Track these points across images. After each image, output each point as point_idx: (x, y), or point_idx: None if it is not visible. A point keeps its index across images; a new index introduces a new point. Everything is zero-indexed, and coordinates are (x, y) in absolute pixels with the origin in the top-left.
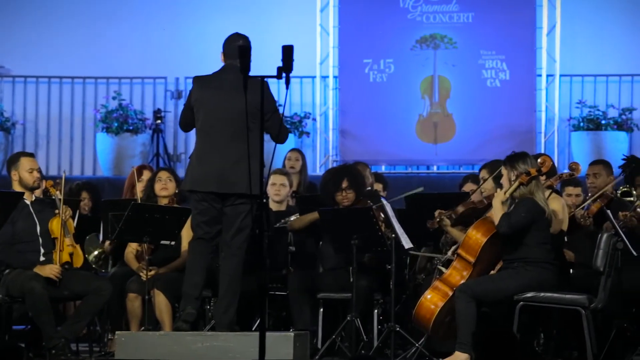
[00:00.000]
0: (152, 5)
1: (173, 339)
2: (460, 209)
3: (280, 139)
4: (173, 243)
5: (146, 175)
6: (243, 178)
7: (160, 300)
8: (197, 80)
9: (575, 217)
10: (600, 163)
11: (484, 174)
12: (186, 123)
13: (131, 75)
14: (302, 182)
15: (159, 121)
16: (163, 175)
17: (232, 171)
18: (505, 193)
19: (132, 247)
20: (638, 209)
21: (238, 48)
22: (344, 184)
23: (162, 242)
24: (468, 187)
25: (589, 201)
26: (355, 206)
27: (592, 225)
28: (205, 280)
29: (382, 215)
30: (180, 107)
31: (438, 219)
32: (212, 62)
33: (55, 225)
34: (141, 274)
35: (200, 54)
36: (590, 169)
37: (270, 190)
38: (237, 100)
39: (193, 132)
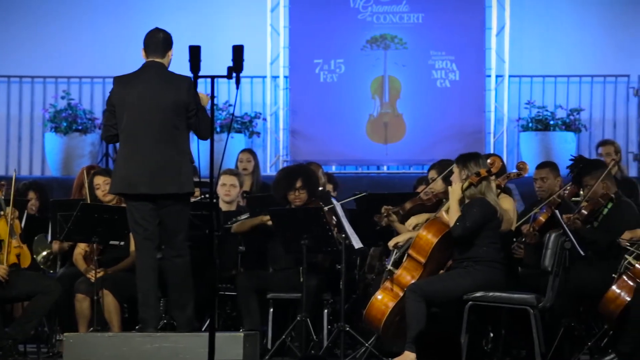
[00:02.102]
0: (102, 4)
1: (122, 340)
2: (408, 205)
3: (206, 135)
4: (122, 243)
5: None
6: (174, 177)
7: (109, 301)
8: (118, 80)
9: (521, 232)
10: (547, 166)
11: (432, 174)
12: (109, 130)
13: (80, 74)
14: (255, 183)
15: None
16: (99, 180)
17: (161, 171)
18: (462, 188)
19: (80, 248)
20: (583, 210)
21: (168, 44)
22: (298, 184)
23: (111, 242)
24: (422, 188)
25: (536, 210)
26: (307, 206)
27: (537, 239)
28: (156, 283)
29: (335, 219)
30: None
31: (385, 215)
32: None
33: (1, 227)
34: (89, 275)
35: None
36: (537, 172)
37: (220, 190)
38: (161, 98)
39: None
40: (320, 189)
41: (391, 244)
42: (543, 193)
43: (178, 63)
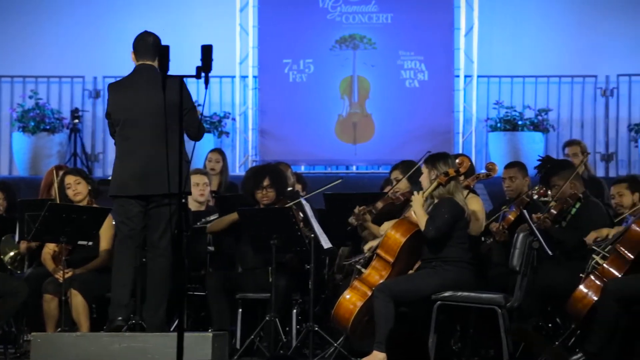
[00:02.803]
0: (70, 3)
1: (90, 340)
2: (380, 204)
3: (197, 136)
4: (91, 243)
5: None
6: (166, 178)
7: (78, 301)
8: (112, 87)
9: (490, 230)
10: (516, 166)
11: (396, 174)
12: (114, 137)
13: (48, 74)
14: (223, 183)
15: (76, 121)
16: (69, 180)
17: (156, 172)
18: (423, 194)
19: (49, 248)
20: (552, 210)
21: (158, 47)
22: (265, 183)
23: (80, 242)
24: (388, 189)
25: (505, 208)
26: (275, 206)
27: (507, 238)
28: (133, 282)
29: (302, 215)
30: (98, 107)
31: (361, 213)
32: (130, 61)
33: None
34: (57, 275)
35: (118, 53)
36: (506, 172)
37: (194, 190)
38: (154, 100)
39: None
40: (289, 189)
41: (366, 248)
42: (511, 192)
43: None
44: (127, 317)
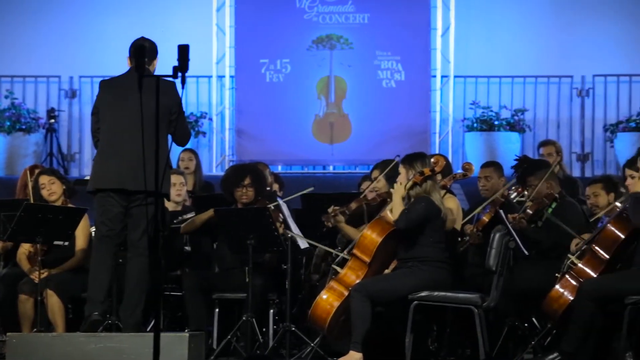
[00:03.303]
0: (46, 3)
1: (66, 340)
2: (353, 205)
3: (183, 141)
4: (67, 243)
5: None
6: (151, 177)
7: (53, 302)
8: (103, 84)
9: (464, 232)
10: (491, 165)
11: (376, 174)
12: (95, 135)
13: (24, 73)
14: (197, 182)
15: (52, 120)
16: (44, 180)
17: (140, 170)
18: (405, 187)
19: (24, 248)
20: (528, 210)
21: (154, 53)
22: (246, 181)
23: (56, 242)
24: (366, 185)
25: (479, 209)
26: (253, 206)
27: (481, 240)
28: (110, 280)
29: (281, 216)
30: (74, 107)
31: (333, 214)
32: (107, 61)
33: None
34: (33, 275)
35: (95, 53)
36: (482, 171)
37: (171, 190)
38: (145, 103)
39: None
40: (267, 189)
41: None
42: (487, 192)
43: (124, 62)
44: (104, 314)
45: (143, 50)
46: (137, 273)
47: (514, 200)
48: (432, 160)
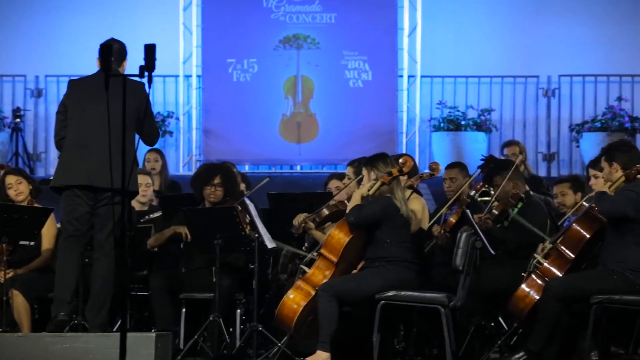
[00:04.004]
0: (11, 3)
1: (32, 340)
2: (325, 212)
3: (153, 141)
4: (32, 243)
5: (10, 178)
6: (116, 176)
7: (19, 302)
8: (72, 83)
9: (432, 234)
10: (457, 166)
11: (349, 171)
12: (61, 135)
13: None
14: (163, 182)
15: (18, 120)
16: (10, 180)
17: (107, 168)
18: (368, 189)
19: None
20: (494, 210)
21: (123, 54)
22: (216, 180)
23: (21, 242)
24: (333, 184)
25: (443, 210)
26: (220, 205)
27: (448, 241)
28: (77, 281)
29: (248, 217)
30: (40, 106)
31: (301, 225)
32: (73, 60)
33: None
34: None
35: (61, 53)
36: (447, 173)
37: None
38: (112, 101)
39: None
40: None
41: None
42: (452, 193)
43: (91, 61)
44: (70, 314)
45: (110, 50)
46: (103, 273)
47: (476, 198)
48: (400, 160)
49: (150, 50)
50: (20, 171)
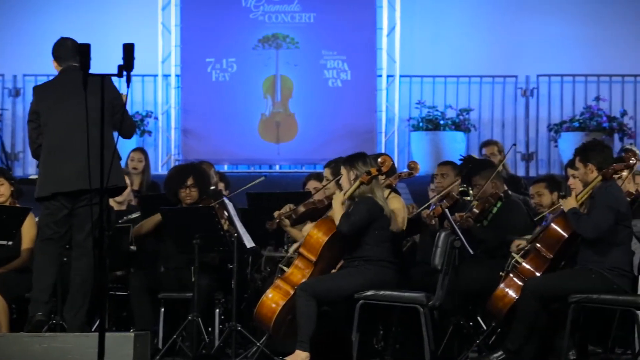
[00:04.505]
0: None
1: (10, 340)
2: (302, 209)
3: (130, 133)
4: (10, 243)
5: None
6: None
7: None
8: (38, 89)
9: (421, 216)
10: (449, 164)
11: (327, 173)
12: (36, 143)
13: None
14: (145, 182)
15: None
16: None
17: (86, 171)
18: (344, 194)
19: None
20: (474, 209)
21: (77, 46)
22: (189, 182)
23: (0, 242)
24: (311, 184)
25: (434, 200)
26: (198, 205)
27: (437, 224)
28: (54, 282)
29: (226, 214)
30: (18, 105)
31: (277, 220)
32: (51, 59)
33: None
34: None
35: (39, 52)
36: (439, 169)
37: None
38: (83, 101)
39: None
40: (212, 187)
41: (291, 251)
42: (441, 190)
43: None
44: (48, 314)
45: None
46: (82, 273)
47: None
48: (379, 160)
49: (128, 50)
50: (3, 172)
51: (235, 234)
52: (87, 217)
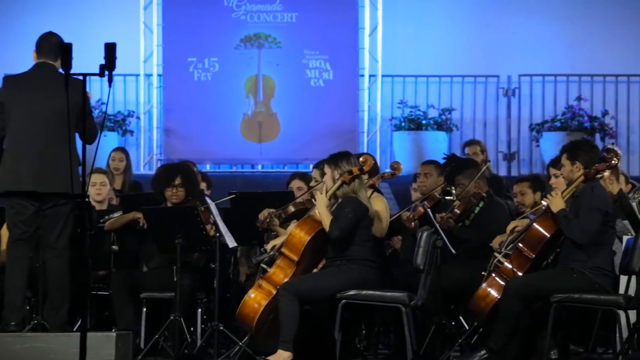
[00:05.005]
0: None
1: None
2: (292, 208)
3: (91, 138)
4: None
5: None
6: (64, 178)
7: None
8: (8, 79)
9: (401, 218)
10: (432, 163)
11: (315, 173)
12: (1, 132)
13: None
14: (126, 182)
15: None
16: None
17: (52, 171)
18: (326, 194)
19: None
20: (455, 210)
21: (60, 45)
22: (177, 181)
23: None
24: (295, 184)
25: (416, 202)
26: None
27: (417, 227)
28: (27, 283)
29: (212, 218)
30: None
31: (268, 219)
32: (31, 59)
33: None
34: None
35: (20, 50)
36: (422, 168)
37: (91, 190)
38: (53, 99)
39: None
40: (198, 189)
41: (269, 247)
42: (424, 189)
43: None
44: (21, 321)
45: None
46: (57, 274)
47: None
48: (360, 159)
49: (110, 49)
50: None
51: (218, 234)
52: (55, 218)
